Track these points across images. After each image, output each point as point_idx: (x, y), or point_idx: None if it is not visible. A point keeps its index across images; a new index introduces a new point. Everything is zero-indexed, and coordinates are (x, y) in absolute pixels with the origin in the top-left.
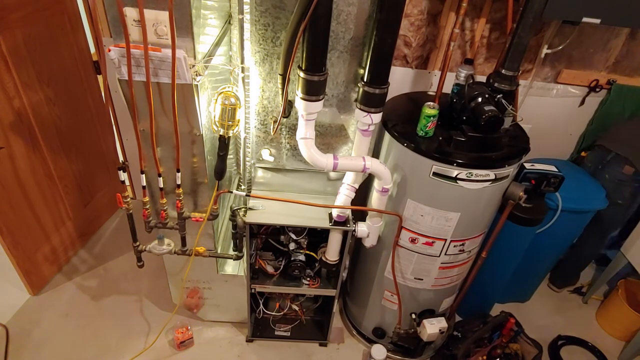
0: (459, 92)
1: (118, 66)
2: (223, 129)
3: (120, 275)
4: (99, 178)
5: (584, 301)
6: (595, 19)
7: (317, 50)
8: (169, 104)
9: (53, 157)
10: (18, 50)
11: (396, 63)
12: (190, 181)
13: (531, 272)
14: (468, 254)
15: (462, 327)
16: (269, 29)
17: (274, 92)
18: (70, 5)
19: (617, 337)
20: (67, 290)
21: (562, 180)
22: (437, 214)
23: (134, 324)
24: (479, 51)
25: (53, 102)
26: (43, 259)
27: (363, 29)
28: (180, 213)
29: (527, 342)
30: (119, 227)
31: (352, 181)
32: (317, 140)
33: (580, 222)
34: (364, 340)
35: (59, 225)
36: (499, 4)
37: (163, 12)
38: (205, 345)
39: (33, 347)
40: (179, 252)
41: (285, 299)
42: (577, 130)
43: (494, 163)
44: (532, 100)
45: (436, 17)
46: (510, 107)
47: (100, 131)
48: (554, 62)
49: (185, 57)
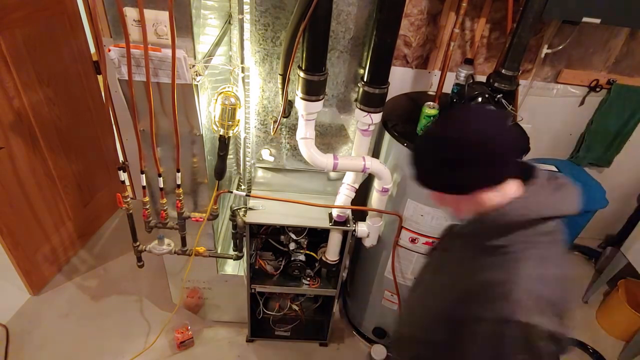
0: (459, 92)
1: (118, 66)
2: (223, 129)
3: (120, 275)
4: (99, 178)
5: (584, 301)
6: (595, 19)
7: (317, 50)
8: (169, 104)
9: (53, 157)
10: (18, 50)
11: (396, 63)
12: (190, 181)
13: None
14: None
15: None
16: (269, 29)
17: (274, 92)
18: (70, 5)
19: (617, 337)
20: (67, 290)
21: None
22: (437, 214)
23: (134, 324)
24: (479, 51)
25: (53, 102)
26: (43, 259)
27: (363, 29)
28: (180, 213)
29: None
30: (119, 227)
31: (352, 181)
32: (317, 140)
33: (580, 222)
34: (364, 340)
35: (59, 225)
36: (499, 3)
37: (163, 12)
38: (205, 345)
39: (33, 347)
40: (179, 252)
41: (285, 299)
42: (577, 130)
43: None
44: (532, 100)
45: (436, 17)
46: (510, 107)
47: (100, 131)
48: (554, 62)
49: (185, 57)
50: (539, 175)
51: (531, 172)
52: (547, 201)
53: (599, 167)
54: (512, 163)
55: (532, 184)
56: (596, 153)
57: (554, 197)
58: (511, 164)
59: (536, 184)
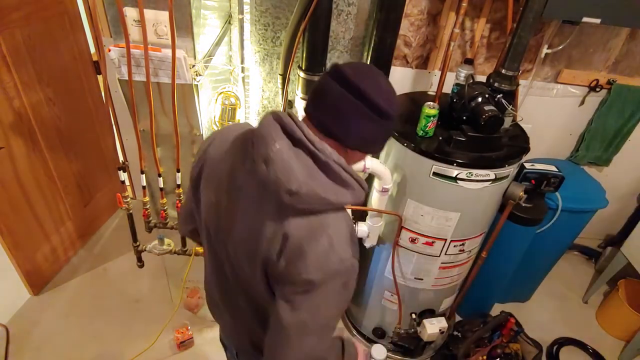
0: (459, 92)
1: (118, 66)
2: None
3: (120, 275)
4: (99, 178)
5: (584, 301)
6: (595, 19)
7: (317, 50)
8: (169, 104)
9: (53, 157)
10: (18, 50)
11: (396, 63)
12: None
13: (531, 272)
14: (468, 253)
15: (462, 327)
16: (269, 29)
17: (274, 92)
18: (70, 5)
19: (617, 337)
20: (67, 290)
21: (562, 180)
22: (437, 214)
23: (134, 324)
24: (479, 51)
25: (53, 102)
26: (43, 259)
27: (363, 29)
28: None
29: (527, 342)
30: (119, 227)
31: None
32: None
33: (580, 222)
34: (364, 340)
35: (59, 225)
36: (499, 3)
37: (163, 12)
38: (205, 345)
39: (33, 347)
40: (179, 252)
41: None
42: (577, 130)
43: (494, 163)
44: (532, 100)
45: (436, 17)
46: (510, 107)
47: (100, 131)
48: (554, 62)
49: (185, 57)
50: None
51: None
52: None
53: (598, 167)
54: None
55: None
56: (596, 153)
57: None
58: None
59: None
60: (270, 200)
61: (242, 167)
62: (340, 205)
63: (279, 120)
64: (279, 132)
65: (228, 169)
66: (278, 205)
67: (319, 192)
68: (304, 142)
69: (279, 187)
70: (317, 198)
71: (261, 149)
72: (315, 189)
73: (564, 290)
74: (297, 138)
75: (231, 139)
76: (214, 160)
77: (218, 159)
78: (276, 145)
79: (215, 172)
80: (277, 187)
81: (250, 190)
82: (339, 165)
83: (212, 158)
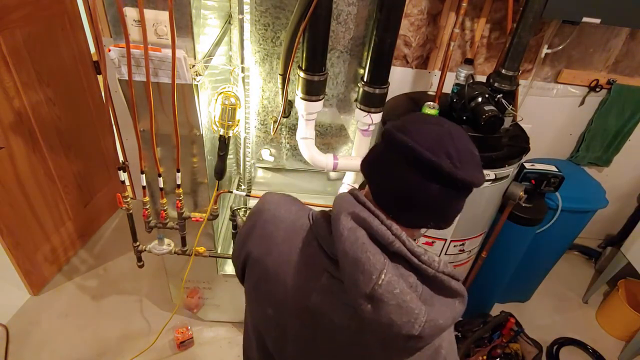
0: (459, 92)
1: (118, 66)
2: (223, 129)
3: (120, 275)
4: (99, 178)
5: (584, 301)
6: (595, 19)
7: (317, 50)
8: (169, 104)
9: (53, 157)
10: (18, 50)
11: (396, 63)
12: (190, 181)
13: (531, 272)
14: (468, 253)
15: (462, 327)
16: (269, 29)
17: (274, 92)
18: (70, 5)
19: (617, 337)
20: (67, 290)
21: (562, 180)
22: None
23: (134, 324)
24: (479, 51)
25: (53, 102)
26: (43, 259)
27: (363, 29)
28: (180, 213)
29: (527, 342)
30: (119, 227)
31: (352, 181)
32: (317, 140)
33: (580, 222)
34: None
35: (59, 225)
36: (499, 3)
37: (163, 12)
38: (205, 345)
39: (33, 347)
40: (179, 252)
41: None
42: (577, 130)
43: (494, 163)
44: (532, 100)
45: (436, 17)
46: (510, 107)
47: (100, 131)
48: (554, 62)
49: (185, 57)
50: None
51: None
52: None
53: (598, 167)
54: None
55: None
56: (596, 153)
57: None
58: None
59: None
60: (372, 335)
61: (315, 284)
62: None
63: (362, 223)
64: (374, 250)
65: (292, 285)
66: (385, 344)
67: (441, 322)
68: (404, 255)
69: (393, 332)
70: (439, 330)
71: (360, 282)
72: (437, 321)
73: (564, 290)
74: (394, 251)
75: (281, 236)
76: (264, 265)
77: (272, 266)
78: (383, 277)
79: (269, 283)
80: (391, 332)
81: (333, 316)
82: (447, 275)
83: (258, 261)
